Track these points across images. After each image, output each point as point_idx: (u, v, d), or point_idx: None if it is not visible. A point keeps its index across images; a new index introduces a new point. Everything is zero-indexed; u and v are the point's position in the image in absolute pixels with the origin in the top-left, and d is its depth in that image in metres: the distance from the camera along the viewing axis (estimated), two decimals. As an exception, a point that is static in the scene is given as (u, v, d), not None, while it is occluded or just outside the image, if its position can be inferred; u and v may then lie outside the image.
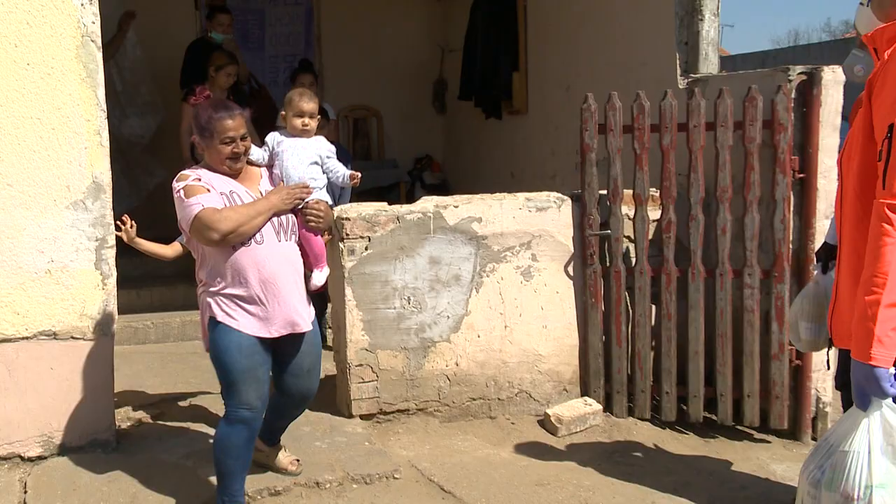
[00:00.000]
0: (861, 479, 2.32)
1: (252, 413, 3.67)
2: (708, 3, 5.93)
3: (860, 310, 2.32)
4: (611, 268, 5.22)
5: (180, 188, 3.56)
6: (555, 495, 4.33)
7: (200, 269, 3.70)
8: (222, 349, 3.61)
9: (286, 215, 3.71)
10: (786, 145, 4.88)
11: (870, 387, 2.31)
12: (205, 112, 3.62)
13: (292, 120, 3.97)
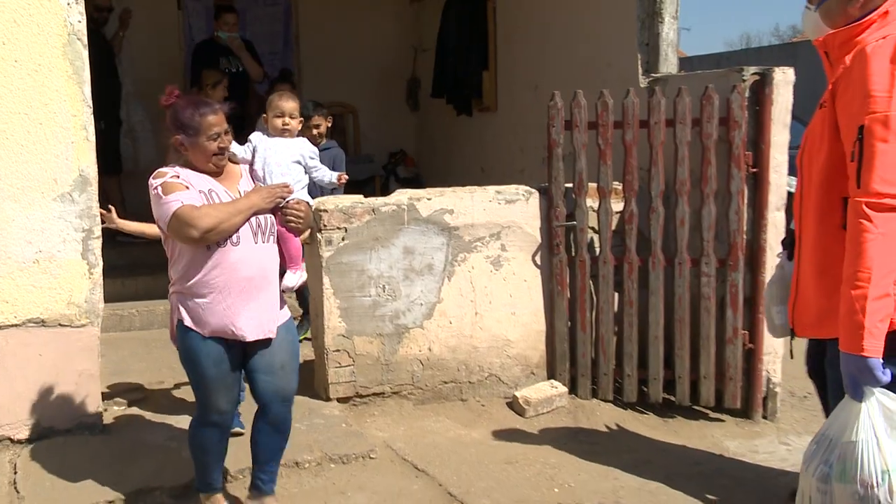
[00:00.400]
0: (876, 465, 2.30)
1: (223, 417, 3.52)
2: (668, 6, 5.96)
3: (847, 304, 2.32)
4: (576, 257, 5.23)
5: (158, 185, 3.31)
6: (523, 473, 4.36)
7: (172, 268, 3.46)
8: (192, 357, 3.40)
9: (265, 215, 3.45)
10: (740, 141, 4.91)
11: (863, 377, 2.32)
12: (186, 109, 3.37)
13: (273, 120, 3.83)
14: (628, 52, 6.08)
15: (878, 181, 2.29)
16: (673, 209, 5.08)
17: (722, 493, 4.18)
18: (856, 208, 2.31)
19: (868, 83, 2.32)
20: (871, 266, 2.27)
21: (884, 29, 2.41)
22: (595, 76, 6.21)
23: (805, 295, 2.67)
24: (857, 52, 2.39)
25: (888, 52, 2.32)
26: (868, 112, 2.31)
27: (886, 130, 2.28)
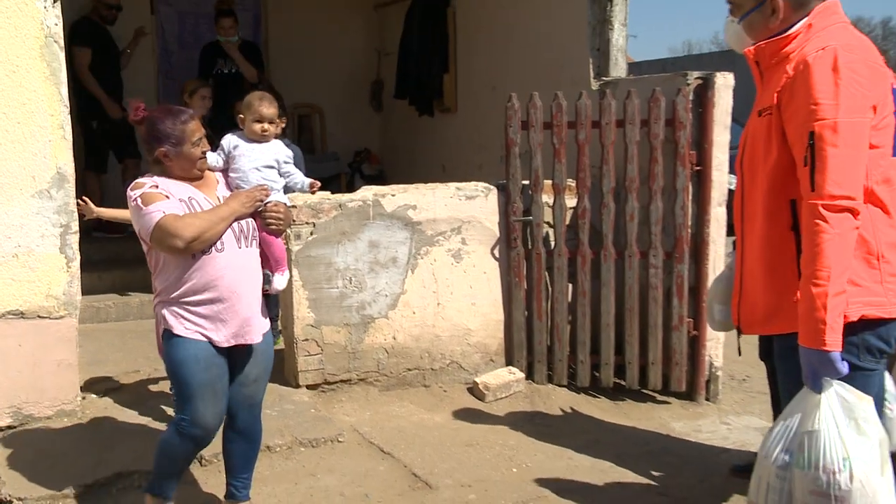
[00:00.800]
0: (837, 453, 2.30)
1: (206, 434, 3.28)
2: (617, 14, 5.99)
3: (808, 302, 2.33)
4: (532, 250, 5.25)
5: (137, 196, 3.13)
6: (483, 454, 4.38)
7: (157, 278, 3.27)
8: (179, 362, 3.20)
9: (246, 220, 3.29)
10: (685, 141, 4.97)
11: (825, 370, 2.33)
12: (166, 120, 3.20)
13: (252, 125, 3.63)
14: (581, 57, 6.10)
15: (831, 184, 2.30)
16: (623, 205, 5.12)
17: (668, 469, 4.24)
18: (812, 210, 2.32)
19: (813, 92, 2.34)
20: (829, 265, 2.29)
21: (815, 40, 2.44)
22: (550, 79, 6.22)
23: (752, 294, 2.67)
24: (799, 63, 2.41)
25: (829, 62, 2.34)
26: (817, 119, 2.33)
27: (836, 136, 2.30)
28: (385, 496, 3.91)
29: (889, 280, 2.48)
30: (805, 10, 2.52)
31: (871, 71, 2.39)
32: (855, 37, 2.47)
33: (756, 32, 2.62)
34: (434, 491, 3.96)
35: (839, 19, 2.52)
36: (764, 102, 2.57)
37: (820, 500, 2.32)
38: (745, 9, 2.61)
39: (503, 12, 7.16)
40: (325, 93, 9.37)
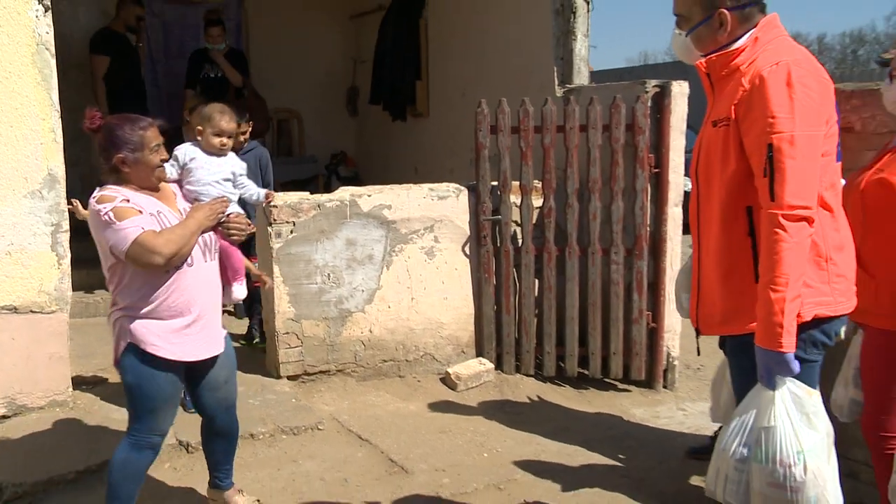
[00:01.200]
0: (791, 446, 2.32)
1: (162, 438, 3.16)
2: (580, 26, 6.02)
3: (766, 306, 2.33)
4: (501, 248, 5.27)
5: (108, 210, 2.89)
6: (455, 440, 4.40)
7: (120, 293, 3.03)
8: (146, 376, 3.01)
9: (208, 233, 3.15)
10: (644, 145, 5.01)
11: (780, 369, 2.34)
12: (124, 126, 3.01)
13: (211, 138, 3.51)
14: (546, 66, 6.13)
15: (790, 195, 2.30)
16: (586, 205, 5.15)
17: (630, 453, 4.29)
18: (772, 220, 2.32)
19: (770, 106, 2.34)
20: (787, 272, 2.30)
21: (766, 54, 2.44)
22: (517, 86, 6.21)
23: (710, 297, 2.65)
24: (754, 77, 2.40)
25: (783, 77, 2.34)
26: (775, 132, 2.32)
27: (793, 148, 2.30)
28: (363, 480, 3.92)
29: (835, 280, 2.52)
30: (750, 24, 2.52)
31: (820, 85, 2.40)
32: (801, 51, 2.48)
33: (704, 44, 2.60)
34: (410, 475, 3.97)
35: (781, 33, 2.53)
36: (718, 113, 2.55)
37: (777, 492, 2.35)
38: (694, 22, 2.58)
39: (473, 23, 7.17)
40: (304, 98, 9.33)
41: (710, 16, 2.52)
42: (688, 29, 2.60)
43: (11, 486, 3.64)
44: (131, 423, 3.11)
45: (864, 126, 3.64)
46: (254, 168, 5.36)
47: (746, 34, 2.51)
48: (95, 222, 2.96)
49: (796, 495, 2.33)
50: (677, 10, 2.62)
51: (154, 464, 3.85)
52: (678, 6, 2.61)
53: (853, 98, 3.71)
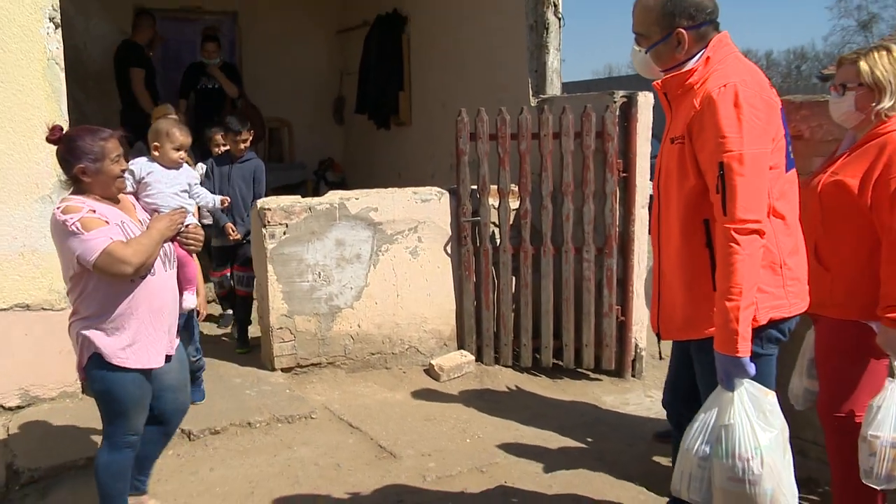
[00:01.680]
0: (749, 442, 2.35)
1: (137, 437, 3.08)
2: (552, 40, 6.06)
3: (722, 315, 2.35)
4: (480, 247, 5.29)
5: (75, 220, 2.78)
6: (440, 427, 4.42)
7: (83, 302, 2.91)
8: (117, 389, 2.93)
9: (167, 243, 3.06)
10: (613, 151, 5.05)
11: (737, 372, 2.36)
12: (85, 138, 2.89)
13: (170, 152, 3.49)
14: (521, 77, 6.15)
15: (741, 210, 2.31)
16: (560, 207, 5.18)
17: (602, 437, 4.32)
18: (725, 234, 2.34)
19: (720, 126, 2.35)
20: (741, 282, 2.31)
21: (716, 74, 2.45)
22: (494, 96, 6.25)
23: (671, 304, 2.66)
24: (704, 98, 2.40)
25: (731, 98, 2.35)
26: (725, 151, 2.33)
27: (742, 166, 2.31)
28: (355, 465, 3.92)
29: (790, 283, 2.54)
30: (705, 42, 2.52)
31: (765, 104, 2.41)
32: (749, 69, 2.50)
33: (663, 61, 2.60)
34: (398, 460, 3.98)
35: (731, 51, 2.53)
36: (675, 131, 2.55)
37: (736, 486, 2.37)
38: (653, 40, 2.57)
39: (452, 38, 7.18)
40: (293, 108, 9.30)
41: (668, 35, 2.52)
42: (647, 46, 2.59)
43: (27, 471, 3.65)
44: (106, 427, 3.04)
45: (812, 134, 3.71)
46: (247, 178, 5.38)
47: (700, 52, 2.51)
48: (60, 232, 2.83)
49: (754, 488, 2.36)
50: (637, 29, 2.61)
51: (157, 451, 3.89)
52: (637, 25, 2.60)
53: (802, 109, 3.78)
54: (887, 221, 2.77)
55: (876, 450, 2.78)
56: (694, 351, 2.68)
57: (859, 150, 2.89)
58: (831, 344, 2.98)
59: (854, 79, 2.92)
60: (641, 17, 2.57)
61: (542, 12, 6.02)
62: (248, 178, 5.36)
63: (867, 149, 2.86)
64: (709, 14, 2.51)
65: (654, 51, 2.58)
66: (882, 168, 2.79)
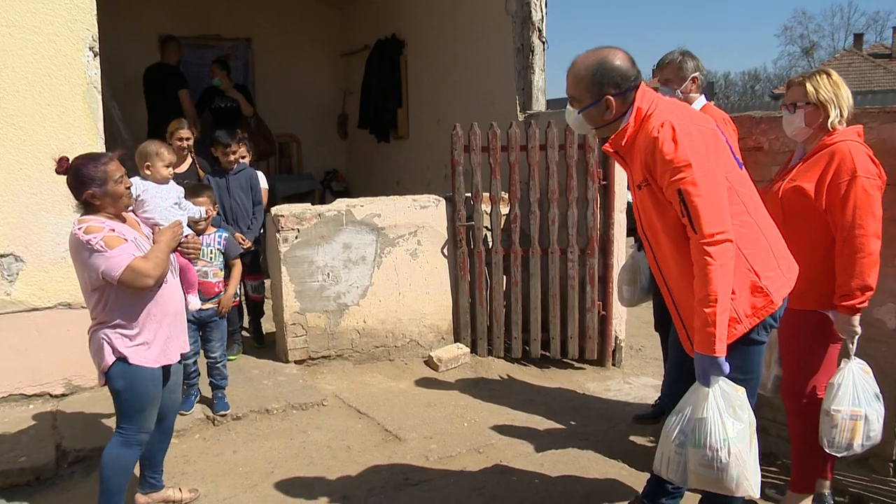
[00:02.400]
0: (719, 434, 2.39)
1: (148, 435, 3.07)
2: (537, 62, 6.09)
3: (701, 319, 2.38)
4: (474, 249, 5.31)
5: (99, 239, 2.81)
6: (440, 412, 4.44)
7: (106, 312, 2.92)
8: (139, 382, 2.94)
9: (171, 253, 3.09)
10: (594, 161, 5.07)
11: (713, 370, 2.40)
12: (88, 165, 2.90)
13: (161, 170, 3.51)
14: (509, 95, 6.19)
15: (707, 225, 2.35)
16: (546, 212, 5.20)
17: (587, 420, 4.36)
18: (699, 249, 2.37)
19: (667, 160, 2.40)
20: (716, 290, 2.34)
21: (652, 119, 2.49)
22: (484, 112, 6.30)
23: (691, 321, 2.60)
24: (649, 141, 2.45)
25: (669, 135, 2.40)
26: (679, 180, 2.38)
27: (697, 188, 2.35)
28: (364, 447, 3.95)
29: (782, 263, 2.59)
30: (629, 102, 2.55)
31: (699, 130, 2.45)
32: (676, 106, 2.54)
33: (594, 122, 2.63)
34: (403, 442, 4.00)
35: (654, 95, 2.58)
36: (637, 178, 2.58)
37: (707, 471, 2.43)
38: (584, 104, 2.59)
39: (446, 60, 7.22)
40: (301, 124, 9.34)
41: (597, 100, 2.55)
42: (579, 108, 2.62)
43: (73, 452, 3.71)
44: (121, 423, 3.01)
45: (770, 145, 3.76)
46: (245, 187, 5.18)
47: (628, 111, 2.55)
48: (83, 250, 2.83)
49: (722, 474, 2.41)
50: (570, 93, 2.64)
51: (185, 435, 3.95)
52: (571, 89, 2.62)
53: (762, 123, 3.84)
54: (840, 221, 2.85)
55: (837, 422, 2.86)
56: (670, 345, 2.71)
57: (812, 159, 2.97)
58: (794, 332, 3.03)
59: (802, 98, 3.00)
60: (574, 83, 2.60)
61: (528, 36, 6.05)
62: (245, 186, 5.17)
63: (819, 158, 2.94)
64: (632, 81, 2.55)
65: (585, 112, 2.61)
66: (833, 174, 2.87)
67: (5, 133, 4.07)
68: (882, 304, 3.32)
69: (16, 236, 4.14)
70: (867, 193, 2.81)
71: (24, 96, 4.08)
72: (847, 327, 2.88)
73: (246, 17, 8.89)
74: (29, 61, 4.08)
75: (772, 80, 50.10)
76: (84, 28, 4.17)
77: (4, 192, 4.09)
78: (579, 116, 2.64)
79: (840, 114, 2.95)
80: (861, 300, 2.83)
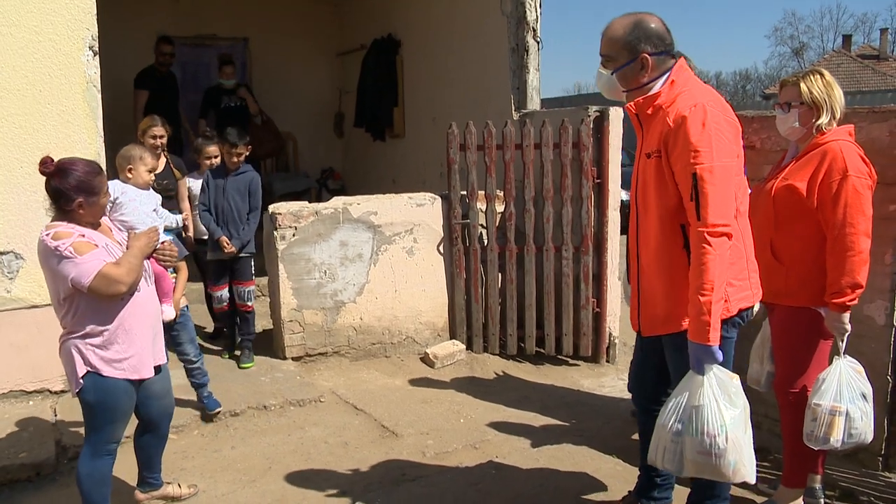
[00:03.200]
0: (716, 420, 2.40)
1: (118, 444, 2.96)
2: (532, 61, 6.10)
3: (696, 308, 2.38)
4: (470, 247, 5.31)
5: (68, 245, 2.67)
6: (436, 409, 4.45)
7: (77, 322, 2.77)
8: (111, 395, 2.82)
9: (146, 260, 2.95)
10: (588, 160, 5.08)
11: (707, 359, 2.41)
12: (88, 174, 2.78)
13: (144, 174, 3.43)
14: (504, 94, 6.19)
15: (712, 215, 2.36)
16: (541, 210, 5.21)
17: (581, 416, 4.37)
18: (699, 236, 2.37)
19: (691, 141, 2.39)
20: (713, 279, 2.35)
21: (684, 95, 2.48)
22: (480, 111, 6.29)
23: (651, 303, 2.67)
24: (677, 117, 2.44)
25: (700, 117, 2.39)
26: (697, 163, 2.37)
27: (713, 176, 2.36)
28: (361, 443, 3.95)
29: (752, 275, 2.61)
30: (665, 67, 2.55)
31: (729, 124, 2.47)
32: (712, 93, 2.53)
33: (628, 83, 2.60)
34: (399, 438, 4.01)
35: (691, 75, 2.57)
36: (650, 146, 2.57)
37: (704, 458, 2.43)
38: (619, 63, 2.56)
39: (442, 59, 7.22)
40: (298, 123, 9.32)
41: (633, 58, 2.54)
42: (613, 69, 2.60)
43: (73, 447, 3.69)
44: (90, 435, 2.91)
45: (762, 144, 3.78)
46: (242, 191, 4.92)
47: (662, 77, 2.55)
48: (52, 257, 2.70)
49: (719, 460, 2.42)
50: (604, 52, 2.61)
51: (183, 431, 3.94)
52: (606, 48, 2.60)
53: (754, 122, 3.86)
54: (831, 219, 2.86)
55: (817, 415, 2.88)
56: (669, 343, 2.70)
57: (804, 158, 2.98)
58: (786, 328, 3.04)
59: (796, 98, 3.01)
60: (609, 43, 2.58)
61: (523, 36, 6.06)
62: (243, 190, 4.91)
63: (811, 157, 2.95)
64: (668, 45, 2.56)
65: (620, 73, 2.60)
66: (824, 173, 2.89)
67: (6, 131, 4.06)
68: (871, 301, 3.34)
69: (16, 234, 4.12)
70: (858, 192, 2.83)
71: (25, 95, 4.07)
72: (837, 324, 2.90)
73: (243, 16, 8.87)
74: (29, 60, 4.07)
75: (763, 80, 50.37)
76: (84, 28, 4.16)
77: (5, 190, 4.07)
78: (612, 78, 2.62)
79: (832, 115, 2.97)
80: (851, 297, 2.85)
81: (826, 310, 2.93)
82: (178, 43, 7.55)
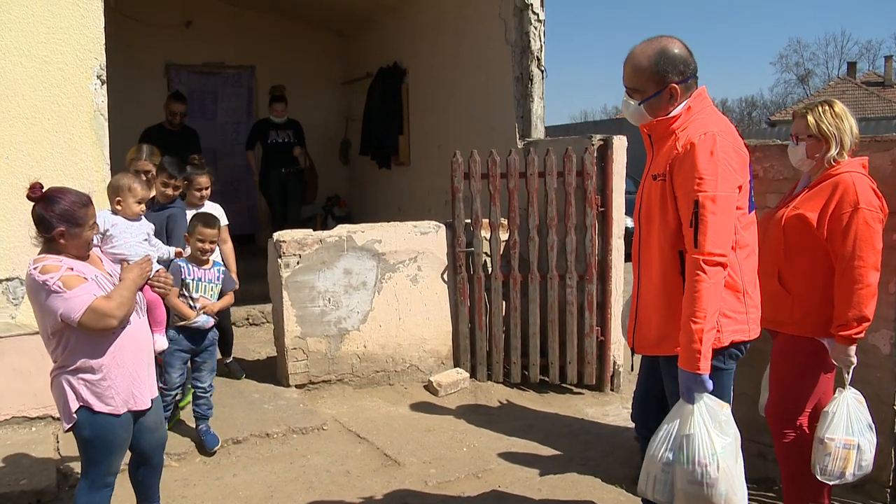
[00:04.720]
0: (707, 449, 2.38)
1: (115, 476, 2.92)
2: (536, 90, 6.15)
3: (687, 335, 2.38)
4: (474, 275, 5.32)
5: (56, 280, 2.62)
6: (439, 437, 4.43)
7: (67, 356, 2.72)
8: (107, 430, 2.79)
9: (138, 292, 2.90)
10: (592, 188, 5.11)
11: (697, 388, 2.40)
12: (72, 203, 2.74)
13: (133, 206, 3.39)
14: (508, 122, 6.23)
15: (710, 244, 2.36)
16: (545, 238, 5.22)
17: (585, 445, 4.34)
18: (694, 263, 2.37)
19: (697, 168, 2.39)
20: (705, 307, 2.35)
21: (697, 122, 2.49)
22: (484, 139, 6.33)
23: (646, 323, 2.68)
24: (686, 143, 2.44)
25: (709, 145, 2.40)
26: (700, 190, 2.38)
27: (715, 205, 2.36)
28: (363, 472, 3.94)
29: (751, 310, 2.59)
30: (690, 92, 2.55)
31: (737, 155, 2.47)
32: (724, 123, 2.54)
33: (656, 112, 2.58)
34: (402, 467, 3.99)
35: (708, 104, 2.58)
36: (657, 168, 2.57)
37: (696, 488, 2.41)
38: (647, 94, 2.55)
39: (447, 88, 7.29)
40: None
41: (661, 90, 2.53)
42: (641, 100, 2.58)
43: (74, 474, 3.67)
44: (87, 469, 2.86)
45: (765, 173, 3.79)
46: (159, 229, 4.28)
47: (683, 102, 2.55)
48: (40, 291, 2.65)
49: (711, 490, 2.39)
50: (630, 84, 2.59)
51: (185, 458, 3.92)
52: (631, 81, 2.58)
53: (756, 151, 3.87)
54: (840, 251, 2.86)
55: (831, 450, 2.86)
56: (664, 364, 2.70)
57: (816, 188, 2.99)
58: (785, 355, 3.04)
59: (804, 131, 3.03)
60: (634, 73, 2.55)
61: (527, 65, 6.12)
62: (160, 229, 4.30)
63: (822, 187, 2.96)
64: (693, 70, 2.55)
65: (647, 103, 2.58)
66: (835, 205, 2.89)
67: (14, 159, 4.12)
68: (876, 330, 3.33)
69: (21, 261, 4.15)
70: (868, 226, 2.83)
71: (33, 123, 4.14)
72: (843, 357, 2.90)
73: (250, 44, 9.00)
74: (38, 89, 4.14)
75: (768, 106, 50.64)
76: (92, 57, 4.24)
77: (12, 217, 4.12)
78: (640, 108, 2.60)
79: (842, 147, 2.97)
80: (858, 331, 2.84)
81: (831, 341, 2.92)
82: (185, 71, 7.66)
